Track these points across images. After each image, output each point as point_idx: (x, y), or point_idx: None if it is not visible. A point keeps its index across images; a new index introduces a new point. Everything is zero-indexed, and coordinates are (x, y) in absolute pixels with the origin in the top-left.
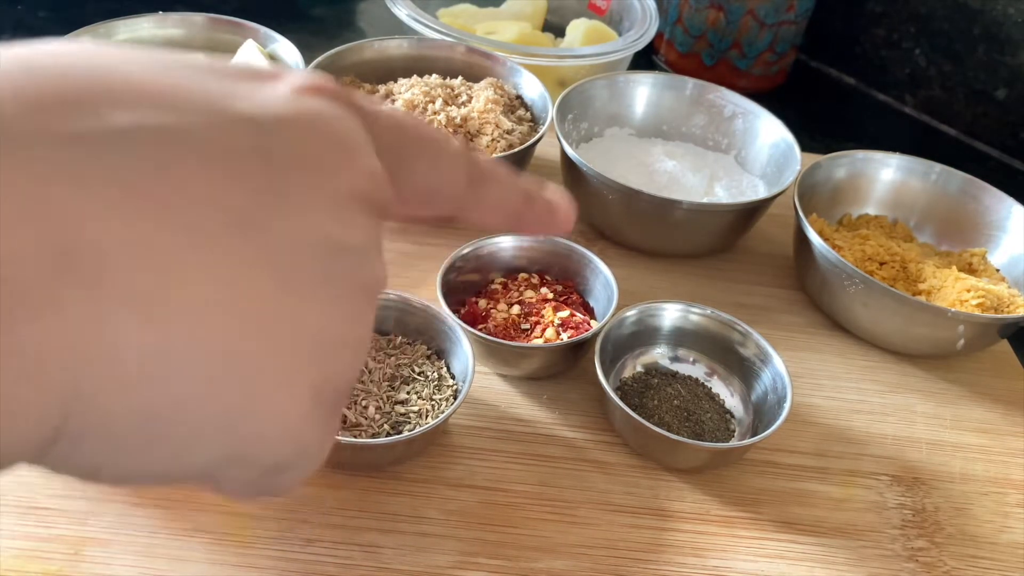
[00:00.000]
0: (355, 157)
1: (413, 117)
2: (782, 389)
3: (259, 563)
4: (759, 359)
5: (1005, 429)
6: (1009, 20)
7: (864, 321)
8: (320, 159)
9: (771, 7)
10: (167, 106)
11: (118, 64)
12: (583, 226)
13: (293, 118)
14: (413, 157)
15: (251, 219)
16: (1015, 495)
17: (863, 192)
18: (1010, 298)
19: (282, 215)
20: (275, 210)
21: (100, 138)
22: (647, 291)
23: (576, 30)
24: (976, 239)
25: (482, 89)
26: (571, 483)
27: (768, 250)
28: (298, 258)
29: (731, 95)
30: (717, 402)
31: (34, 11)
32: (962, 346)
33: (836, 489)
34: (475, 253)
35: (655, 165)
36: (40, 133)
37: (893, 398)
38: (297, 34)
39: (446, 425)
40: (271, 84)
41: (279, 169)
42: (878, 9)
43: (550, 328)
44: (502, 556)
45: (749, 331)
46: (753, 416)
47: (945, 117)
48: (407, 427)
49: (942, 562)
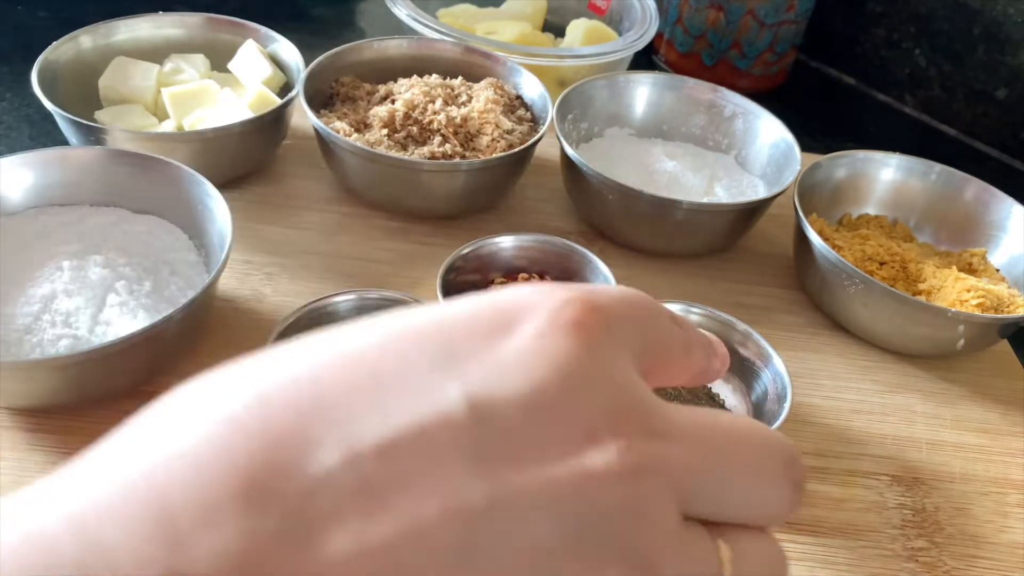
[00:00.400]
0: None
1: (723, 425)
2: (782, 389)
3: None
4: (759, 359)
5: (1005, 429)
6: (1009, 20)
7: (864, 321)
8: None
9: (771, 7)
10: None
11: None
12: (583, 226)
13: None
14: (726, 484)
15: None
16: (1015, 495)
17: (863, 192)
18: (1010, 298)
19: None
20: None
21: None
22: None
23: (576, 30)
24: (976, 239)
25: (482, 89)
26: None
27: (768, 250)
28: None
29: (731, 95)
30: (718, 403)
31: (34, 11)
32: (962, 346)
33: (836, 489)
34: (475, 253)
35: (655, 165)
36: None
37: (893, 398)
38: (297, 34)
39: None
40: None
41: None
42: (878, 9)
43: None
44: None
45: (749, 331)
46: (753, 416)
47: (945, 117)
48: None
49: (942, 562)
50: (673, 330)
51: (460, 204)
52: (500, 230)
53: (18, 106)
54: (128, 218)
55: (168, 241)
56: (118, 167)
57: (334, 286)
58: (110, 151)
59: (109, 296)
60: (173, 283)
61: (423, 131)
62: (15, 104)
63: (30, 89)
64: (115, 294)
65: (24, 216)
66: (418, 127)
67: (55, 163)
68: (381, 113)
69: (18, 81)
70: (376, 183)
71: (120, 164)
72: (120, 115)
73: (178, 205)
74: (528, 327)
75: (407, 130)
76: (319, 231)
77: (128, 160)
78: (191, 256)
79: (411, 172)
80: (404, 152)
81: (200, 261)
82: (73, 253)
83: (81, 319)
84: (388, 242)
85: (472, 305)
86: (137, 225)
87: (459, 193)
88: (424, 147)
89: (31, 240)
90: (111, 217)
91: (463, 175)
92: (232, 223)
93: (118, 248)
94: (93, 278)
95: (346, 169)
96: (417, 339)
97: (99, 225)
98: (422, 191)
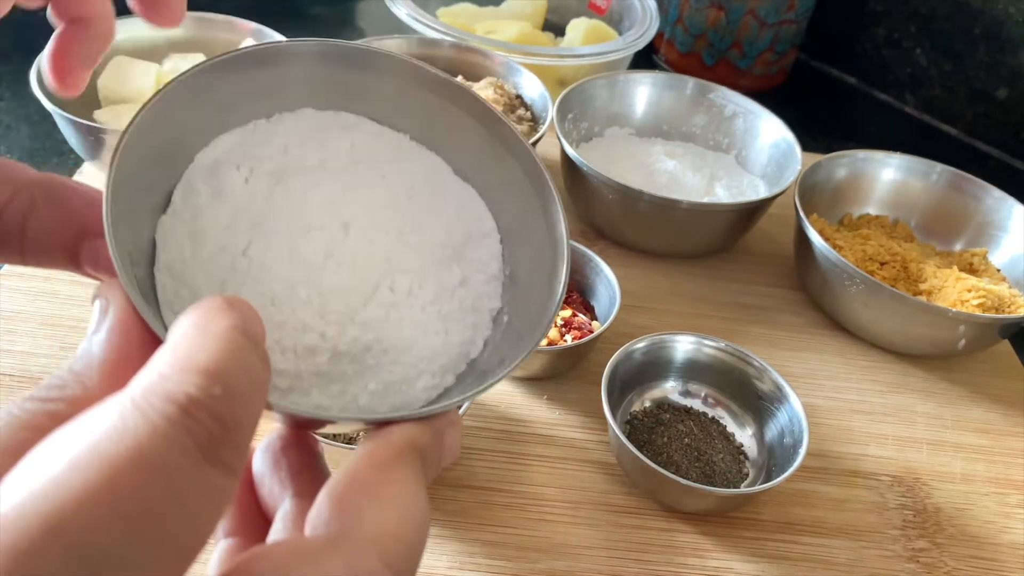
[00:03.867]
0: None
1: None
2: (799, 432)
3: None
4: (775, 397)
5: (1006, 429)
6: (1010, 20)
7: (865, 321)
8: None
9: (772, 7)
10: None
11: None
12: (583, 226)
13: None
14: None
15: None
16: (1016, 495)
17: (864, 192)
18: (1011, 298)
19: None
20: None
21: None
22: (647, 291)
23: (576, 30)
24: (977, 239)
25: (482, 89)
26: (571, 483)
27: (768, 250)
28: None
29: (731, 95)
30: (731, 442)
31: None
32: (963, 346)
33: (837, 489)
34: None
35: (655, 165)
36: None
37: (893, 398)
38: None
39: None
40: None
41: None
42: (879, 8)
43: (552, 329)
44: (502, 556)
45: (765, 366)
46: (768, 457)
47: (946, 117)
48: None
49: (943, 563)
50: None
51: None
52: None
53: (18, 106)
54: (443, 173)
55: (475, 227)
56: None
57: None
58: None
59: (381, 287)
60: (458, 298)
61: None
62: (15, 104)
63: (30, 89)
64: (389, 290)
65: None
66: None
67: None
68: None
69: (18, 81)
70: None
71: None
72: (119, 114)
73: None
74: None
75: None
76: None
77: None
78: (494, 266)
79: None
80: None
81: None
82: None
83: (338, 306)
84: None
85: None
86: (450, 185)
87: None
88: None
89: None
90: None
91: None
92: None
93: (414, 218)
94: (375, 250)
95: None
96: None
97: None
98: None
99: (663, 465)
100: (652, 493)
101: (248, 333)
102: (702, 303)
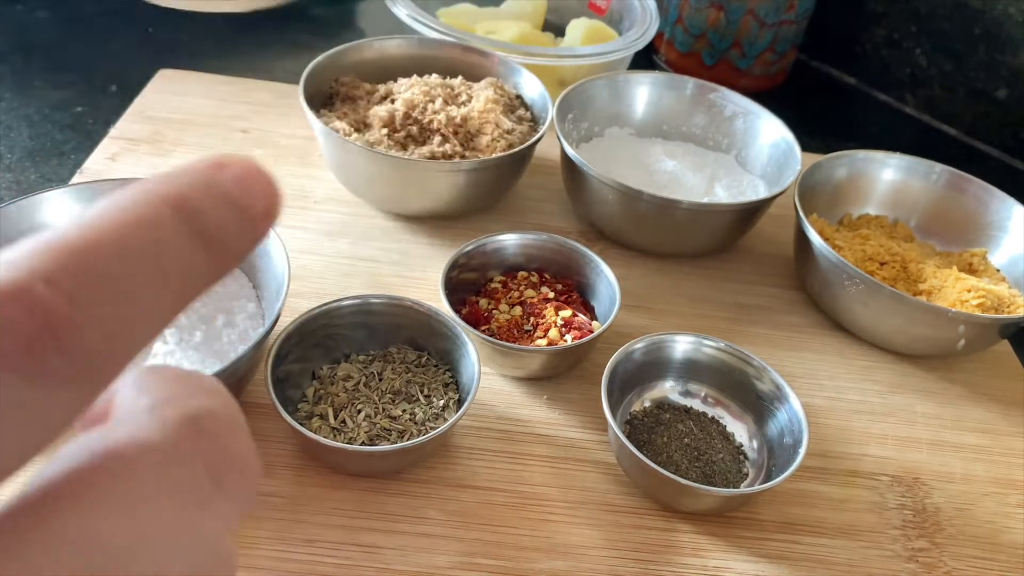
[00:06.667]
0: None
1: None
2: (798, 432)
3: (259, 563)
4: (775, 396)
5: (1005, 429)
6: (1010, 20)
7: (864, 321)
8: None
9: (771, 7)
10: None
11: None
12: (583, 226)
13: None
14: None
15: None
16: (1016, 495)
17: (863, 192)
18: (1010, 298)
19: None
20: None
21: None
22: (647, 291)
23: (576, 30)
24: (976, 239)
25: (482, 89)
26: (571, 483)
27: (768, 250)
28: None
29: (731, 95)
30: (731, 442)
31: (34, 11)
32: (962, 346)
33: (836, 489)
34: (479, 250)
35: (655, 165)
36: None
37: (893, 398)
38: (297, 34)
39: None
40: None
41: None
42: (879, 9)
43: (553, 329)
44: (502, 556)
45: (765, 366)
46: (767, 457)
47: (946, 117)
48: (382, 443)
49: (942, 563)
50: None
51: (460, 204)
52: (500, 230)
53: (18, 106)
54: None
55: (233, 288)
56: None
57: (333, 286)
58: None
59: (157, 344)
60: (226, 335)
61: (423, 131)
62: (15, 104)
63: (30, 89)
64: (163, 342)
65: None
66: (418, 127)
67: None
68: (381, 113)
69: (18, 81)
70: (376, 183)
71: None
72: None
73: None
74: None
75: (407, 130)
76: (318, 231)
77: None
78: (250, 306)
79: (411, 172)
80: (404, 152)
81: (259, 313)
82: None
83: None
84: (387, 242)
85: None
86: None
87: (459, 193)
88: (424, 147)
89: None
90: None
91: (463, 175)
92: (288, 271)
93: None
94: None
95: (346, 169)
96: None
97: None
98: (422, 191)
99: (663, 465)
100: (652, 493)
101: (179, 206)
102: (702, 303)
